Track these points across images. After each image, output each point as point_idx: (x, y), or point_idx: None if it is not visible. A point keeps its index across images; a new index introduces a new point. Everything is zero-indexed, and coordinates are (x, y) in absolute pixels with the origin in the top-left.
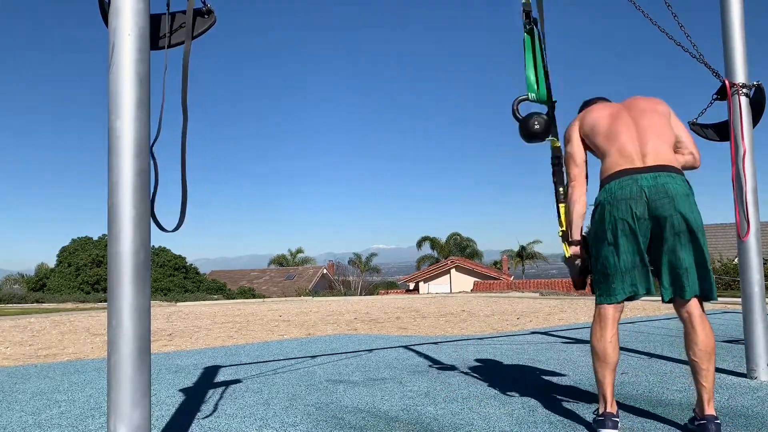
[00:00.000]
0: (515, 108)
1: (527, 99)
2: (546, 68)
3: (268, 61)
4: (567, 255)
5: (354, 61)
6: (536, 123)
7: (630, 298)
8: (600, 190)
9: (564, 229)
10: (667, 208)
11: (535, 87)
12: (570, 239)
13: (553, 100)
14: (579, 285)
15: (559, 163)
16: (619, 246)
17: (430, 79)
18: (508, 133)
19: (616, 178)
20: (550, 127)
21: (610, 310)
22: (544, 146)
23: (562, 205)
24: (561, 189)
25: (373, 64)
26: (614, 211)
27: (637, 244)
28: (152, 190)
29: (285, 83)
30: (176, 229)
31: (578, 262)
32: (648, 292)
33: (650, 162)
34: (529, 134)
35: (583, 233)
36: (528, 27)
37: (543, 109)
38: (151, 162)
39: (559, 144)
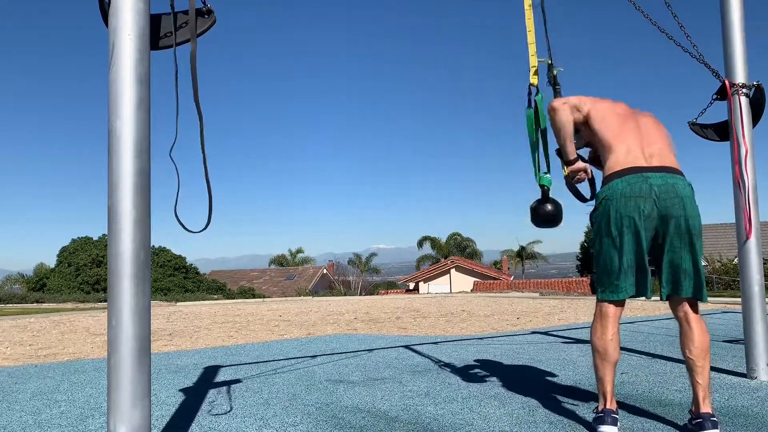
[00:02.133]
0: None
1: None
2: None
3: (268, 61)
4: (565, 174)
5: (354, 61)
6: (532, 215)
7: (633, 296)
8: (603, 186)
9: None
10: (677, 209)
11: (535, 171)
12: (567, 160)
13: (542, 184)
14: (582, 199)
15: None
16: (624, 244)
17: (430, 79)
18: (508, 133)
19: (624, 176)
20: (538, 214)
21: (611, 308)
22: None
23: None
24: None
25: (373, 64)
26: (621, 208)
27: (640, 243)
28: (176, 193)
29: (285, 83)
30: (203, 230)
31: (579, 176)
32: (646, 293)
33: (656, 163)
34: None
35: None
36: (531, 103)
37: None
38: (174, 166)
39: (556, 72)
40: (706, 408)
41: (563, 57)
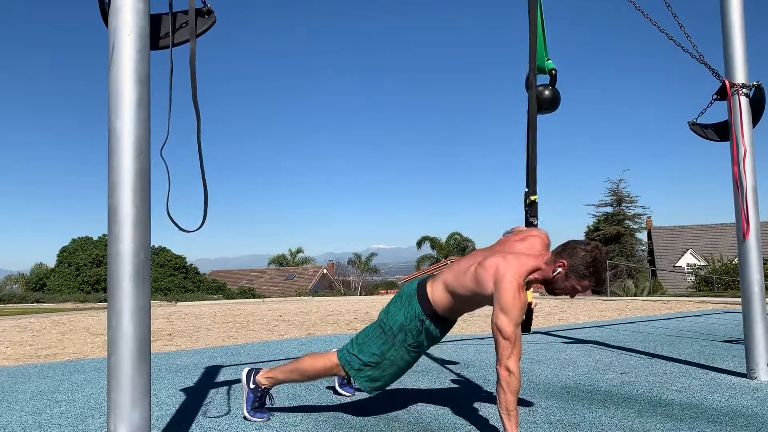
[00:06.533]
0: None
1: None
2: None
3: (267, 61)
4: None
5: (353, 60)
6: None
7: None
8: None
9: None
10: None
11: (543, 57)
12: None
13: (549, 68)
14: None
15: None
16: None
17: (430, 79)
18: (508, 133)
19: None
20: (545, 96)
21: None
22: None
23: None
24: None
25: (372, 63)
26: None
27: None
28: (167, 192)
29: (285, 83)
30: (198, 229)
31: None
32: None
33: None
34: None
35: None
36: None
37: (546, 79)
38: (164, 164)
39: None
40: None
41: (561, 55)
